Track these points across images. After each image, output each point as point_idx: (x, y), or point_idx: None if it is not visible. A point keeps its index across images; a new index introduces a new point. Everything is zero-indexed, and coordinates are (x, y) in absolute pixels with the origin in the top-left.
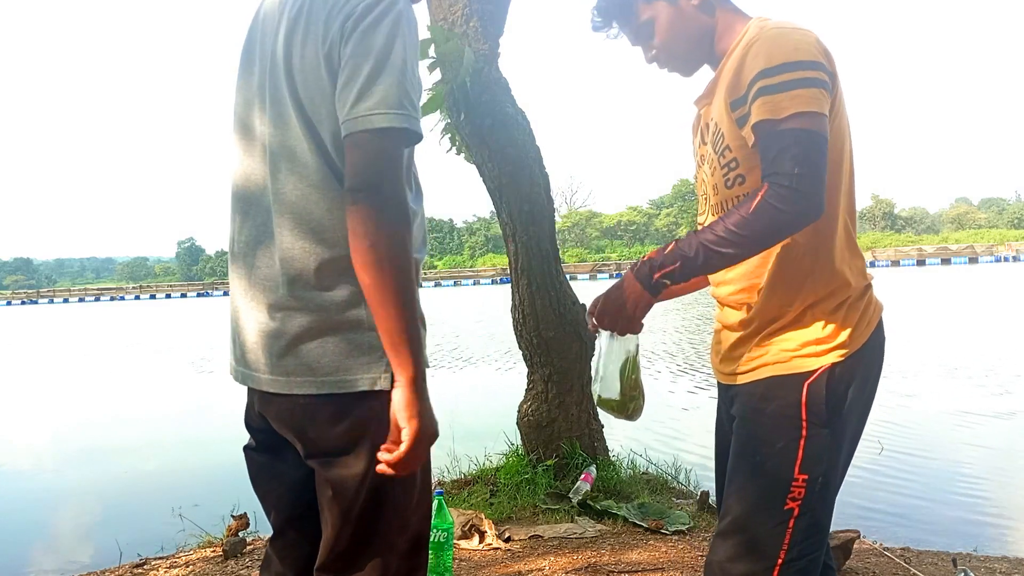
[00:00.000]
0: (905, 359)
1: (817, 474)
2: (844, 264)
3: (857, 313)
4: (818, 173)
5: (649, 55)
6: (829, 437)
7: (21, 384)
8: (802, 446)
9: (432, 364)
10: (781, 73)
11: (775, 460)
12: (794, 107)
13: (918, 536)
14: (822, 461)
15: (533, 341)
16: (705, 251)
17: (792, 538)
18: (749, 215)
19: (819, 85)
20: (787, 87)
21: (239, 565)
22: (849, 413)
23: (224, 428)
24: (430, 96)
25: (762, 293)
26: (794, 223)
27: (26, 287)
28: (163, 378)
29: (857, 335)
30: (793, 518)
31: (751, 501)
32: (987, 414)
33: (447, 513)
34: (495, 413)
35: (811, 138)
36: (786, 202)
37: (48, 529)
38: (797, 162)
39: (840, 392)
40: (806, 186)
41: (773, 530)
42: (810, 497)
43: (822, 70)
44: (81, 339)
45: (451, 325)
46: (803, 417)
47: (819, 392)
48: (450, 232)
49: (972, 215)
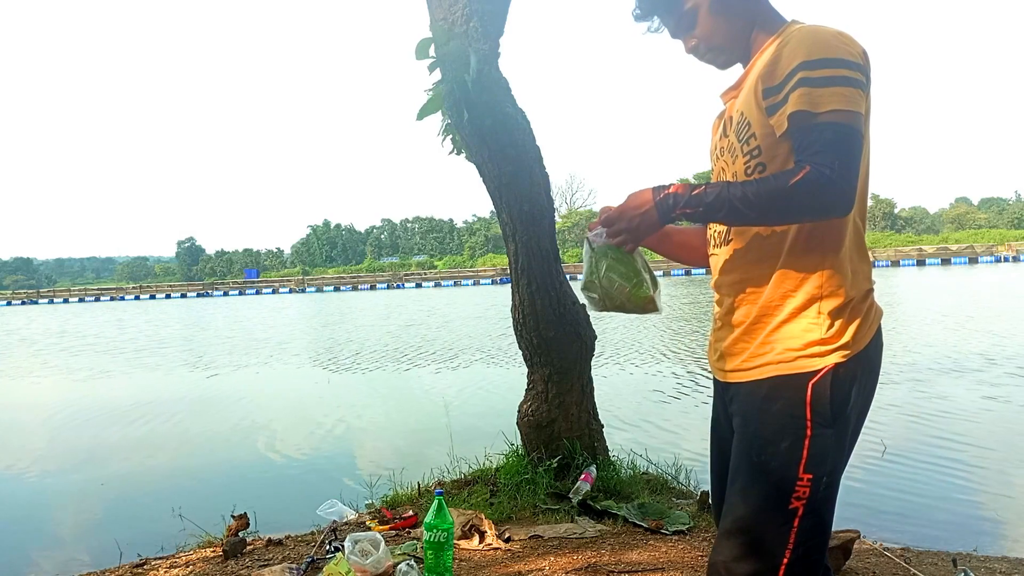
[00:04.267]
0: (905, 359)
1: (822, 474)
2: (851, 265)
3: (860, 315)
4: (854, 170)
5: (689, 45)
6: (833, 437)
7: (21, 384)
8: (807, 446)
9: (432, 364)
10: (824, 68)
11: (780, 460)
12: (834, 103)
13: (918, 536)
14: (827, 461)
15: (533, 341)
16: (730, 206)
17: (797, 538)
18: (786, 189)
19: (858, 86)
20: (829, 82)
21: (239, 565)
22: (853, 414)
23: (224, 428)
24: (430, 96)
25: (767, 285)
26: (824, 211)
27: (26, 287)
28: (163, 378)
29: (860, 336)
30: (798, 518)
31: (755, 501)
32: (988, 414)
33: (447, 513)
34: (495, 413)
35: (851, 134)
36: (824, 189)
37: (48, 529)
38: (838, 155)
39: (844, 392)
40: (843, 180)
41: (778, 530)
42: (815, 497)
43: (861, 72)
44: (81, 339)
45: (451, 325)
46: (808, 417)
47: (823, 392)
48: (450, 232)
49: (972, 215)
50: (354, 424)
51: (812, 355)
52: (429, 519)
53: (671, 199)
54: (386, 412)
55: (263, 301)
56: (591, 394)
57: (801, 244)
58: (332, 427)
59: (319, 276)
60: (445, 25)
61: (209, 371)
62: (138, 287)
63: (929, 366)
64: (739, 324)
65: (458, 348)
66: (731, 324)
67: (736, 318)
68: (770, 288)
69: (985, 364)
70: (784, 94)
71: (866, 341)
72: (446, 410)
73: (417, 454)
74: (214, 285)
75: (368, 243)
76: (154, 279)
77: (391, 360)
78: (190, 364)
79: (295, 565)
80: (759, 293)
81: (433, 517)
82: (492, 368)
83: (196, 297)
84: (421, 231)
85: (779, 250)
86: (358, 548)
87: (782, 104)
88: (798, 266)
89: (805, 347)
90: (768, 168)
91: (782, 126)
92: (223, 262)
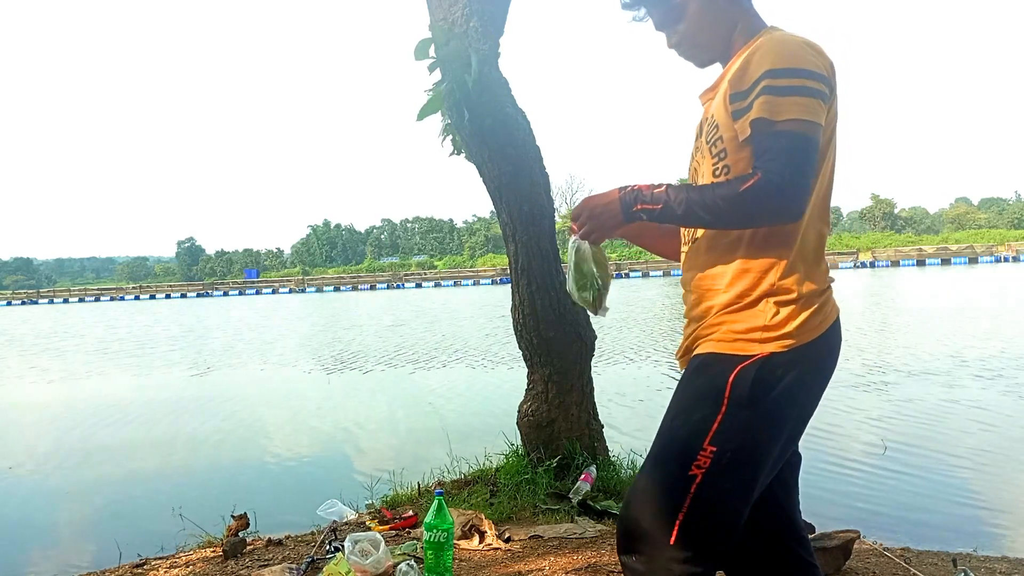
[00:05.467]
0: (906, 359)
1: (726, 449)
2: (806, 265)
3: (809, 311)
4: (806, 178)
5: (672, 40)
6: (748, 420)
7: (21, 384)
8: (719, 420)
9: (432, 364)
10: (787, 77)
11: (689, 428)
12: (793, 112)
13: (918, 536)
14: (734, 440)
15: (533, 341)
16: (686, 208)
17: (691, 505)
18: (736, 195)
19: (819, 97)
20: (791, 92)
21: (239, 565)
22: (781, 404)
23: (224, 428)
24: (430, 96)
25: (725, 281)
26: (773, 217)
27: (26, 287)
28: (163, 378)
29: (806, 331)
30: (695, 484)
31: (661, 463)
32: (988, 414)
33: (447, 513)
34: (495, 413)
35: (806, 143)
36: (772, 196)
37: (48, 529)
38: (789, 163)
39: (772, 380)
40: (792, 188)
41: (675, 493)
42: (714, 469)
43: (825, 83)
44: (80, 339)
45: (451, 325)
46: (726, 394)
47: (749, 375)
48: (450, 232)
49: (972, 215)
50: (354, 424)
51: (751, 340)
52: (429, 519)
53: (633, 195)
54: (386, 412)
55: (263, 301)
56: (591, 394)
57: (758, 242)
58: (332, 427)
59: (319, 276)
60: (445, 25)
61: (208, 371)
62: (138, 287)
63: (929, 366)
64: (698, 319)
65: (458, 348)
66: (693, 319)
67: (697, 312)
68: (727, 284)
69: (985, 364)
70: (749, 101)
71: (813, 336)
72: (446, 410)
73: (417, 454)
74: (214, 285)
75: (368, 243)
76: (154, 279)
77: (391, 360)
78: (190, 364)
79: (295, 565)
80: (717, 290)
81: (433, 517)
82: (492, 368)
83: (196, 297)
84: (421, 231)
85: (737, 247)
86: (358, 548)
87: (747, 110)
88: (754, 263)
89: (747, 331)
90: (732, 171)
91: (745, 132)
92: (223, 262)
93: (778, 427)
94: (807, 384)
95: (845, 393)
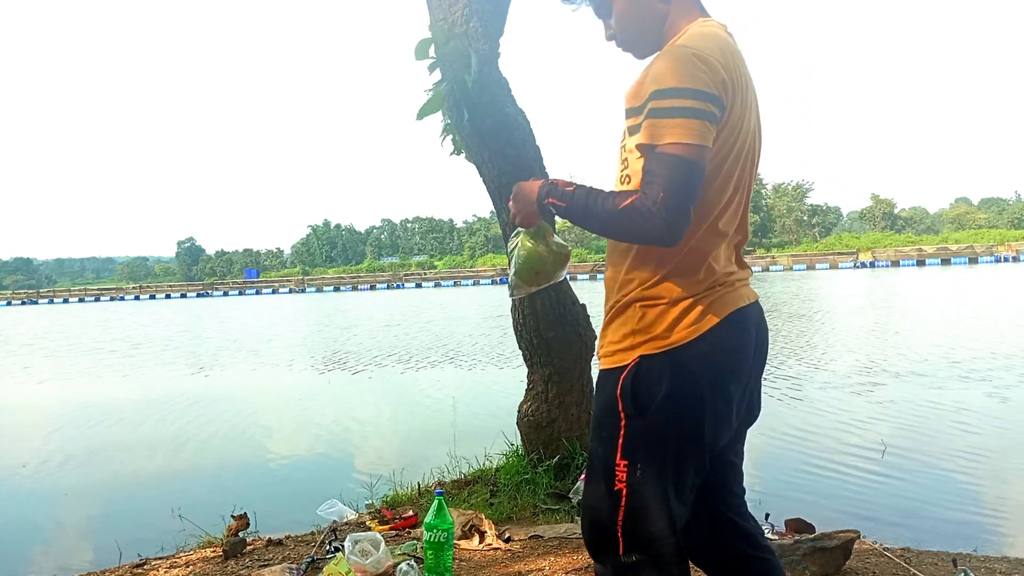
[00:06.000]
0: (906, 359)
1: (635, 460)
2: (683, 274)
3: (677, 311)
4: (683, 203)
5: (608, 33)
6: (644, 427)
7: (20, 384)
8: (622, 434)
9: (432, 364)
10: (671, 98)
11: (604, 446)
12: (675, 136)
13: (918, 536)
14: (640, 449)
15: (533, 341)
16: (582, 211)
17: (625, 518)
18: (617, 211)
19: (704, 117)
20: (673, 113)
21: (239, 565)
22: (671, 404)
23: (224, 428)
24: (430, 96)
25: (619, 282)
26: (645, 240)
27: (26, 287)
28: (163, 378)
29: (676, 332)
30: (624, 498)
31: (594, 483)
32: (988, 415)
33: (447, 513)
34: (495, 413)
35: (686, 167)
36: (643, 220)
37: (48, 529)
38: (667, 188)
39: (649, 383)
40: (666, 212)
41: (610, 509)
42: (632, 482)
43: (711, 102)
44: (81, 339)
45: (451, 325)
46: (619, 409)
47: (628, 385)
48: (450, 232)
49: (972, 215)
50: (354, 424)
51: (624, 348)
52: (429, 519)
53: (548, 188)
54: (386, 412)
55: (263, 301)
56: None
57: (643, 253)
58: (332, 427)
59: (319, 276)
60: (445, 25)
61: (208, 371)
62: (138, 287)
63: (930, 366)
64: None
65: (458, 348)
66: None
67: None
68: (619, 286)
69: (985, 365)
70: (640, 120)
71: (688, 338)
72: (446, 410)
73: (417, 454)
74: (214, 285)
75: (368, 243)
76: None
77: (391, 360)
78: (190, 364)
79: (295, 565)
80: (613, 291)
81: (433, 517)
82: (492, 368)
83: (196, 297)
84: (421, 231)
85: (627, 257)
86: (358, 548)
87: (638, 130)
88: (636, 273)
89: (621, 339)
90: (632, 182)
91: (634, 151)
92: (223, 262)
93: (679, 426)
94: (698, 381)
95: (845, 394)
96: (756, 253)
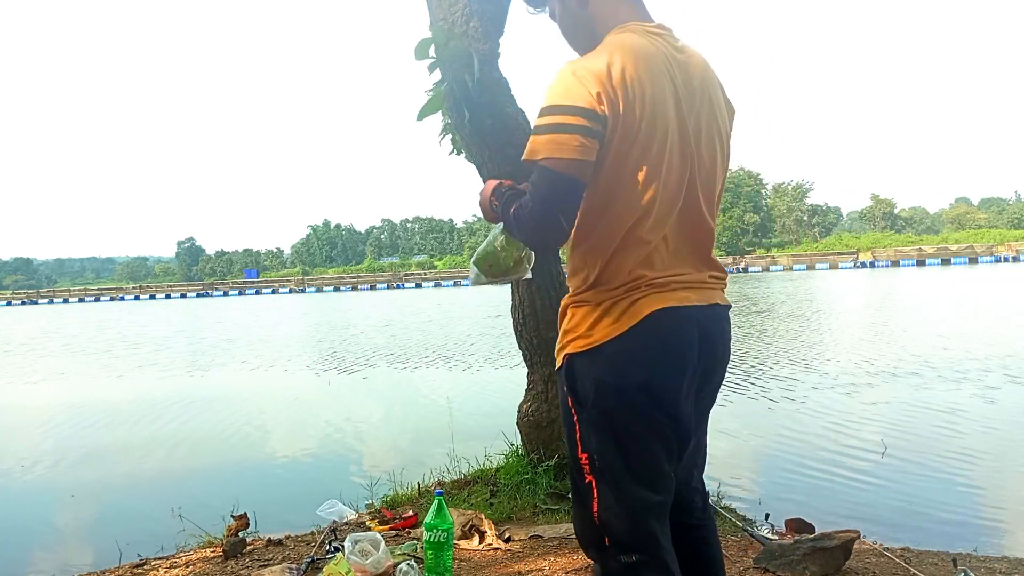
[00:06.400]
0: (907, 360)
1: (592, 452)
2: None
3: (599, 312)
4: (549, 212)
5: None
6: (591, 419)
7: (20, 384)
8: (577, 429)
9: (432, 364)
10: (547, 115)
11: (569, 444)
12: (546, 151)
13: (918, 536)
14: (593, 440)
15: (533, 341)
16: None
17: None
18: (510, 216)
19: (577, 132)
20: (548, 130)
21: (239, 565)
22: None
23: (224, 428)
24: (430, 96)
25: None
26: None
27: (26, 287)
28: (163, 378)
29: (597, 332)
30: (595, 488)
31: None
32: (988, 415)
33: (447, 513)
34: (495, 413)
35: (555, 180)
36: (521, 227)
37: (48, 529)
38: (537, 200)
39: (581, 376)
40: (536, 221)
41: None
42: (595, 472)
43: (585, 116)
44: (81, 339)
45: (451, 325)
46: (570, 405)
47: (566, 381)
48: (450, 232)
49: (972, 215)
50: (354, 424)
51: (560, 347)
52: (429, 519)
53: (495, 188)
54: (386, 412)
55: (263, 301)
56: None
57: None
58: (332, 427)
59: (319, 276)
60: (445, 25)
61: (208, 371)
62: (138, 287)
63: (930, 367)
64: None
65: (458, 348)
66: None
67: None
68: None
69: (986, 365)
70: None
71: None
72: (446, 410)
73: (417, 454)
74: (214, 285)
75: (368, 243)
76: (154, 279)
77: (391, 360)
78: (189, 364)
79: (295, 565)
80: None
81: (433, 517)
82: (492, 368)
83: (196, 297)
84: (421, 231)
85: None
86: (358, 548)
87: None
88: (574, 273)
89: (562, 338)
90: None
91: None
92: (223, 262)
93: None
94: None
95: (845, 394)
96: (756, 253)
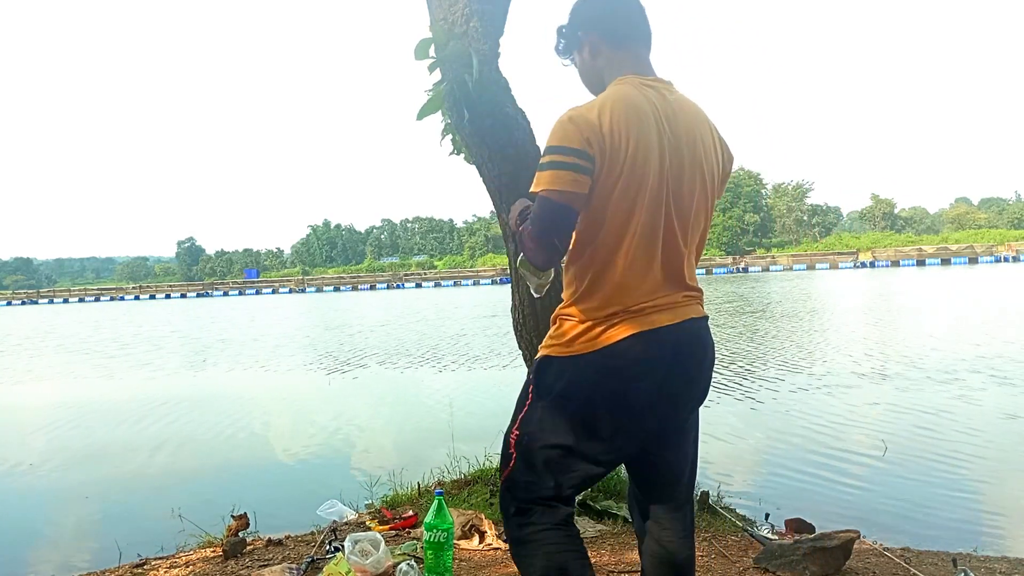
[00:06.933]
0: (907, 360)
1: (524, 432)
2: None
3: (582, 328)
4: (547, 236)
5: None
6: (539, 410)
7: (20, 384)
8: (525, 409)
9: (432, 364)
10: (547, 154)
11: (512, 419)
12: (542, 184)
13: (918, 536)
14: (531, 425)
15: (533, 341)
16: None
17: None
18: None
19: (569, 168)
20: (546, 167)
21: (239, 565)
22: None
23: (224, 428)
24: (430, 96)
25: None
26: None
27: (26, 287)
28: (164, 379)
29: (577, 344)
30: (512, 459)
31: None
32: (988, 415)
33: (447, 513)
34: (495, 413)
35: (550, 209)
36: (524, 246)
37: (48, 529)
38: (536, 225)
39: (547, 377)
40: (534, 242)
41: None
42: (518, 448)
43: (576, 155)
44: (81, 339)
45: (451, 325)
46: (530, 389)
47: (535, 374)
48: (450, 232)
49: (972, 215)
50: (354, 424)
51: (545, 346)
52: (429, 519)
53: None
54: (386, 412)
55: (263, 301)
56: None
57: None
58: (332, 427)
59: (319, 276)
60: (445, 25)
61: (207, 371)
62: (138, 287)
63: (930, 367)
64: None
65: (458, 348)
66: None
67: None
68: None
69: (986, 366)
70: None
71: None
72: (447, 410)
73: (417, 454)
74: (214, 285)
75: (368, 243)
76: (154, 279)
77: (391, 360)
78: (190, 365)
79: (295, 565)
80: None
81: (433, 517)
82: (492, 368)
83: (196, 297)
84: (421, 231)
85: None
86: (358, 548)
87: None
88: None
89: (547, 340)
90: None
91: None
92: (223, 262)
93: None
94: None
95: (846, 394)
96: (756, 253)
